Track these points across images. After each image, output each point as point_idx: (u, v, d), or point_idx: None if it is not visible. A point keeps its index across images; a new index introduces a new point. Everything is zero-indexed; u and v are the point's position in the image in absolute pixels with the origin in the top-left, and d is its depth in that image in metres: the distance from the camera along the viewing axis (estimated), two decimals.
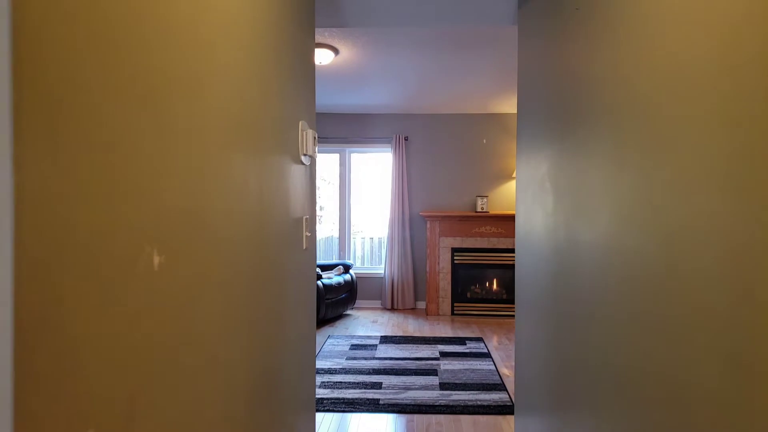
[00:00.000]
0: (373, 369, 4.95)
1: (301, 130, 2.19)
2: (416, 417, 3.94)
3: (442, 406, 4.09)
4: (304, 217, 2.28)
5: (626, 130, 1.72)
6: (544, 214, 2.70)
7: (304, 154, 2.23)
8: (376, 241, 7.98)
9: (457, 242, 7.29)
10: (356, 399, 4.21)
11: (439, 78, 5.69)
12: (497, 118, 7.41)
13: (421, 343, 5.84)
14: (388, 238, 7.58)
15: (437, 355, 5.41)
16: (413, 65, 5.26)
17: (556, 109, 2.51)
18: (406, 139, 7.56)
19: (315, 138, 2.31)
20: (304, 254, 2.34)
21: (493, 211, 7.31)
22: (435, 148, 7.53)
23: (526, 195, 3.11)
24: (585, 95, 2.11)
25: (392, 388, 4.47)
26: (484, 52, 4.79)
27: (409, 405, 4.11)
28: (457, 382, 4.61)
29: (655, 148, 1.50)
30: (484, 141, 7.46)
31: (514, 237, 7.14)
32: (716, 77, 1.17)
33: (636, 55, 1.65)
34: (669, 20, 1.41)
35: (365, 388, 4.44)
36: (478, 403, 4.14)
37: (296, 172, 2.11)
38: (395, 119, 7.55)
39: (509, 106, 6.92)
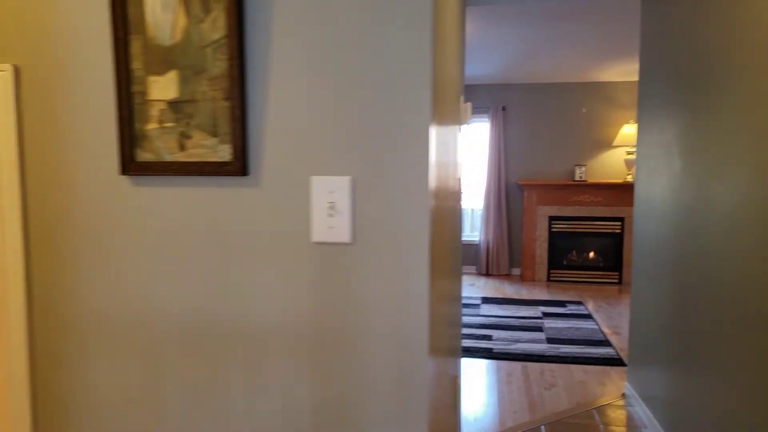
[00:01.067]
0: (481, 324, 5.35)
1: (462, 100, 2.56)
2: (529, 364, 4.30)
3: (551, 356, 4.44)
4: (459, 179, 2.67)
5: (764, 92, 1.96)
6: (670, 177, 2.95)
7: (462, 123, 2.60)
8: (469, 209, 8.30)
9: (554, 210, 7.49)
10: (471, 347, 4.62)
11: (540, 48, 5.87)
12: (597, 87, 7.47)
13: (521, 305, 6.17)
14: (484, 205, 7.88)
15: (539, 314, 5.73)
16: (516, 37, 5.49)
17: (686, 75, 2.73)
18: (503, 109, 7.77)
19: (470, 108, 2.67)
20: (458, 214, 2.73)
21: (592, 180, 7.43)
22: (532, 117, 7.71)
23: (648, 160, 3.35)
24: (719, 59, 2.34)
25: (502, 340, 4.85)
26: (587, 21, 4.94)
27: (521, 354, 4.48)
28: (562, 337, 4.92)
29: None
30: (584, 110, 7.55)
31: (613, 206, 7.26)
32: None
33: None
34: None
35: (477, 339, 4.85)
36: (586, 355, 4.45)
37: (459, 139, 2.49)
38: (493, 90, 7.77)
39: (611, 74, 6.97)
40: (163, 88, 1.12)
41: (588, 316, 5.65)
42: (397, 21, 1.05)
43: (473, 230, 8.33)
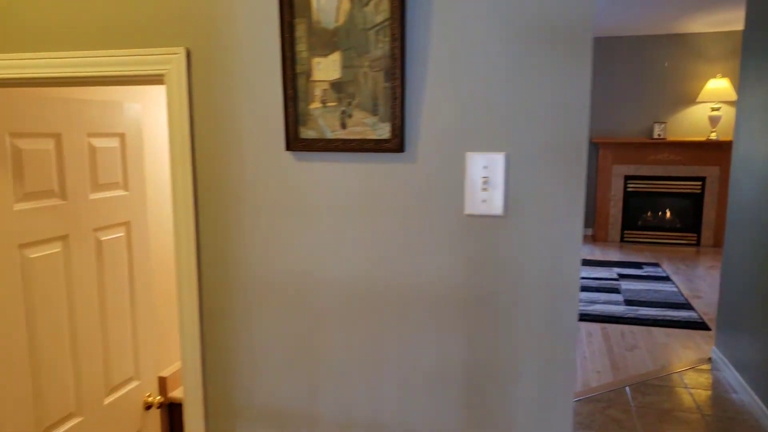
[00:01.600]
0: None
1: None
2: (608, 326, 4.32)
3: (631, 318, 4.43)
4: None
5: None
6: None
7: None
8: None
9: (631, 170, 7.28)
10: None
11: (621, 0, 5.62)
12: (682, 39, 7.09)
13: (595, 266, 6.12)
14: None
15: (615, 276, 5.68)
16: None
17: None
18: None
19: None
20: None
21: (672, 138, 7.15)
22: (611, 72, 7.42)
23: (751, 119, 3.22)
24: None
25: (580, 301, 4.86)
26: None
27: (599, 315, 4.49)
28: (641, 299, 4.88)
29: None
30: (666, 64, 7.20)
31: (693, 165, 7.00)
32: None
33: None
34: None
35: None
36: (667, 318, 4.42)
37: None
38: None
39: (699, 25, 6.60)
40: (326, 69, 1.20)
41: (666, 279, 5.56)
42: (554, 15, 1.08)
43: None
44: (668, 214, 7.27)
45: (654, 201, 7.31)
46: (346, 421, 1.32)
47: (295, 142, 1.24)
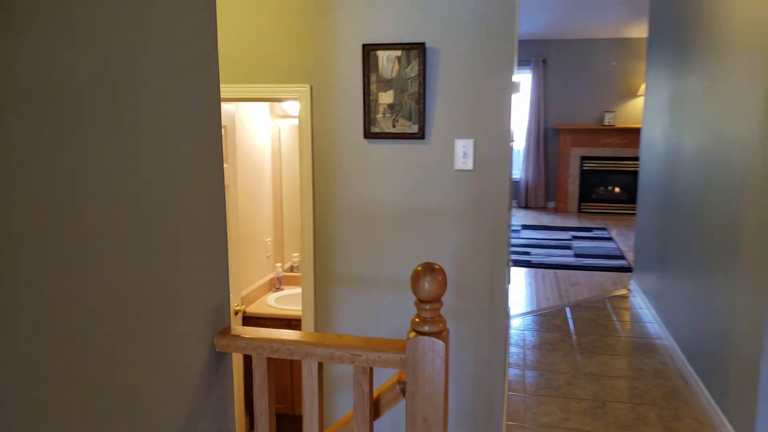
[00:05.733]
0: (522, 244, 6.67)
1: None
2: (559, 271, 5.63)
3: (577, 265, 5.75)
4: None
5: (716, 69, 3.15)
6: (662, 129, 4.14)
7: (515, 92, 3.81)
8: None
9: (585, 152, 8.62)
10: (515, 260, 5.96)
11: (576, 9, 6.87)
12: (625, 42, 8.41)
13: (555, 230, 7.44)
14: (524, 147, 9.04)
15: (570, 237, 7.01)
16: (555, 1, 6.51)
17: (675, 48, 3.88)
18: (544, 62, 8.79)
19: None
20: None
21: (619, 125, 8.49)
22: (569, 69, 8.71)
23: (653, 114, 4.52)
24: (695, 35, 3.50)
25: (538, 255, 6.17)
26: None
27: (553, 264, 5.80)
28: (587, 253, 6.21)
29: (721, 86, 2.96)
30: (613, 63, 8.52)
31: (636, 147, 8.34)
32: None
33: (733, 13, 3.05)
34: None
35: (519, 255, 6.18)
36: (605, 265, 5.74)
37: None
38: (535, 44, 8.76)
39: (638, 31, 7.89)
40: (385, 98, 2.41)
41: (609, 239, 6.91)
42: (498, 70, 2.31)
43: (515, 169, 9.52)
44: (616, 188, 8.62)
45: (605, 178, 8.66)
46: (390, 278, 2.55)
47: (368, 134, 2.46)
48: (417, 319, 1.17)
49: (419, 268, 1.16)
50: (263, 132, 3.46)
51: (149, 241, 1.06)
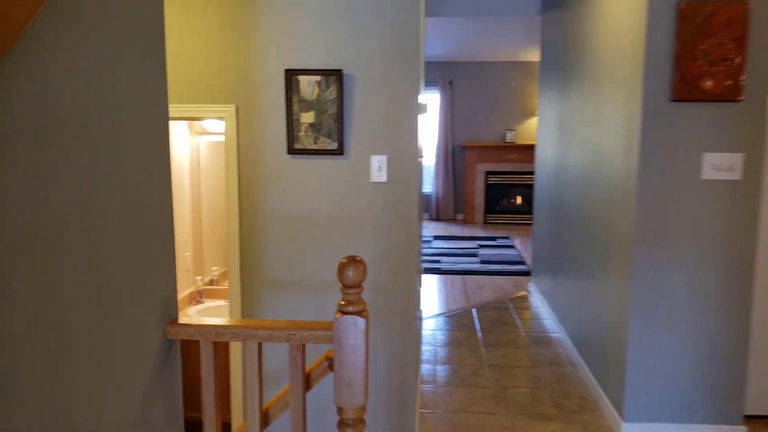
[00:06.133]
0: (433, 253, 7.08)
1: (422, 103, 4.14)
2: (466, 277, 6.06)
3: (483, 271, 6.22)
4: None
5: (592, 94, 3.66)
6: (552, 146, 4.67)
7: (422, 113, 4.18)
8: (424, 166, 9.96)
9: (490, 167, 9.25)
10: (427, 267, 6.34)
11: (479, 35, 7.46)
12: (524, 65, 9.15)
13: (463, 240, 7.94)
14: (434, 163, 9.55)
15: (476, 246, 7.52)
16: (459, 27, 7.05)
17: (560, 74, 4.42)
18: (450, 83, 9.36)
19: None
20: None
21: (519, 142, 9.19)
22: (474, 90, 9.34)
23: (545, 132, 5.06)
24: (575, 63, 4.02)
25: (448, 263, 6.59)
26: (513, 16, 6.56)
27: (461, 270, 6.24)
28: (491, 260, 6.71)
29: (596, 108, 3.46)
30: (513, 84, 9.24)
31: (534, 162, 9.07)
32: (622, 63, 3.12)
33: (598, 40, 3.57)
34: (610, 26, 3.34)
35: (430, 263, 6.58)
36: (507, 270, 6.25)
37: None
38: (443, 66, 9.32)
39: (534, 55, 8.63)
40: (307, 117, 2.67)
41: (512, 246, 7.48)
42: (407, 93, 2.63)
43: (425, 183, 10.00)
44: (519, 200, 9.31)
45: (508, 191, 9.32)
46: (313, 282, 2.79)
47: (291, 150, 2.69)
48: (342, 302, 1.43)
49: (344, 260, 1.42)
50: (182, 149, 3.59)
51: (111, 243, 1.26)
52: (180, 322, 1.47)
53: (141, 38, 1.37)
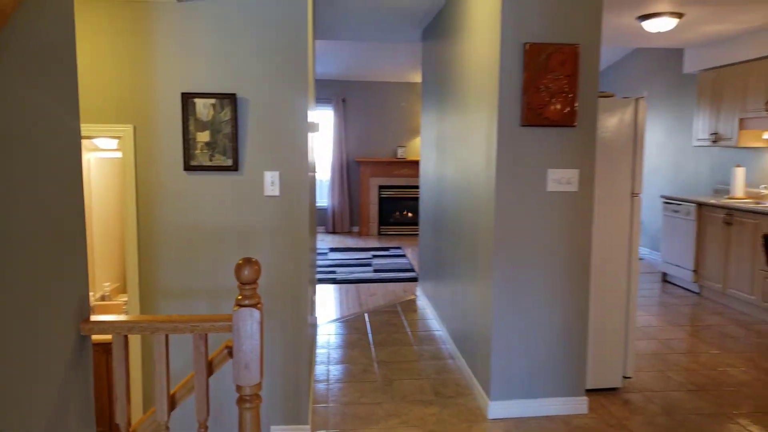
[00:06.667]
0: (328, 264, 7.38)
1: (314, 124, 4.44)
2: (360, 285, 6.42)
3: (376, 279, 6.61)
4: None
5: (462, 116, 4.16)
6: (433, 162, 5.16)
7: (314, 131, 4.49)
8: (319, 180, 10.24)
9: (383, 181, 9.74)
10: (322, 278, 6.63)
11: (370, 56, 7.93)
12: (412, 86, 9.77)
13: (358, 251, 8.31)
14: (330, 178, 9.88)
15: (370, 256, 7.91)
16: (351, 49, 7.48)
17: (438, 97, 4.92)
18: (344, 100, 9.77)
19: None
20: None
21: (409, 158, 9.76)
22: (367, 107, 9.81)
23: (427, 149, 5.55)
24: (449, 88, 4.53)
25: (343, 273, 6.92)
26: (398, 43, 7.08)
27: (355, 279, 6.59)
28: (384, 269, 7.13)
29: (465, 129, 3.95)
30: (402, 104, 9.82)
31: None
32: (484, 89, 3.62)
33: (461, 73, 4.07)
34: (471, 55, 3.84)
35: (326, 273, 6.87)
36: (398, 277, 6.69)
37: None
38: (336, 84, 9.71)
39: (419, 77, 9.24)
40: (202, 136, 2.89)
41: (403, 256, 7.96)
42: (297, 114, 2.94)
43: (322, 198, 10.29)
44: (409, 213, 9.86)
45: (400, 204, 9.85)
46: (209, 290, 2.99)
47: (188, 167, 2.90)
48: (240, 297, 1.70)
49: (241, 261, 1.70)
50: None
51: (25, 250, 1.45)
52: (93, 320, 1.67)
53: (54, 69, 1.58)
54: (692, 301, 5.85)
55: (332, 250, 8.43)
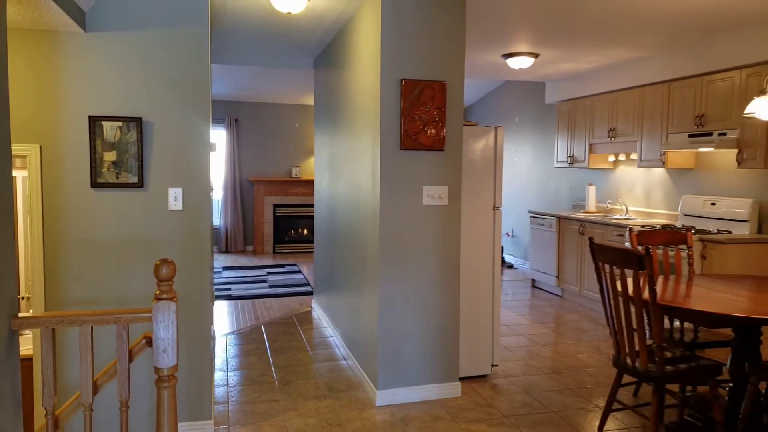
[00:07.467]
0: (223, 282, 7.52)
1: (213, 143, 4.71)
2: (257, 301, 6.65)
3: (271, 294, 6.87)
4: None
5: (351, 139, 4.62)
6: (326, 181, 5.58)
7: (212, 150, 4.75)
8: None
9: (278, 200, 10.00)
10: (218, 295, 6.78)
11: (261, 77, 8.26)
12: (305, 108, 10.18)
13: (253, 269, 8.50)
14: (222, 197, 9.98)
15: (265, 273, 8.14)
16: (245, 70, 7.76)
17: (330, 121, 5.37)
18: (236, 120, 9.96)
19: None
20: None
21: (304, 177, 10.12)
22: (260, 128, 10.07)
23: (320, 168, 5.96)
24: (339, 114, 4.98)
25: (238, 290, 7.11)
26: (290, 69, 7.48)
27: (251, 295, 6.81)
28: (279, 285, 7.40)
29: (354, 150, 4.42)
30: (296, 125, 10.19)
31: None
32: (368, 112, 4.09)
33: (351, 96, 4.54)
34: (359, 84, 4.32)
35: (222, 291, 7.02)
36: (293, 292, 6.99)
37: None
38: (228, 105, 9.89)
39: (312, 100, 9.69)
40: (109, 156, 3.11)
41: (299, 272, 8.26)
42: (197, 135, 3.24)
43: (215, 217, 10.35)
44: (305, 231, 10.19)
45: (295, 222, 10.15)
46: (118, 299, 3.18)
47: (95, 184, 3.10)
48: (158, 292, 1.99)
49: (158, 262, 2.00)
50: None
51: None
52: (22, 316, 1.89)
53: None
54: (555, 302, 6.68)
55: (226, 268, 8.55)
